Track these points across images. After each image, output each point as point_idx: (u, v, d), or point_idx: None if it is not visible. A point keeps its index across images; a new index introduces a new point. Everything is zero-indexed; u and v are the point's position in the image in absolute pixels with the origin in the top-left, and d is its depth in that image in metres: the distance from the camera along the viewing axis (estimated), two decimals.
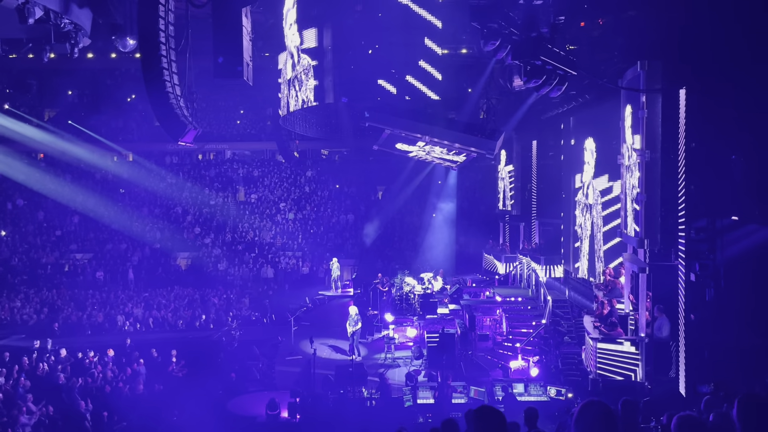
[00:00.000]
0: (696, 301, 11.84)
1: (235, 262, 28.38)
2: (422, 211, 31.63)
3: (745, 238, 11.58)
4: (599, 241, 17.38)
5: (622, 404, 6.41)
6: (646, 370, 12.40)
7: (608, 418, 3.21)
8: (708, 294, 11.85)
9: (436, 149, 20.56)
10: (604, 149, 17.04)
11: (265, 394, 15.08)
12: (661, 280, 12.42)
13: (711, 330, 11.60)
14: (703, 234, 11.89)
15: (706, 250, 11.82)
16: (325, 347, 18.97)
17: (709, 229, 11.89)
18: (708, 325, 11.73)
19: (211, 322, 22.36)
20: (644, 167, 11.84)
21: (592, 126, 18.08)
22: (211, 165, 36.50)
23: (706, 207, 11.80)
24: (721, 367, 11.08)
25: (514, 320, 18.93)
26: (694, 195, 11.73)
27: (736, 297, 11.59)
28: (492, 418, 3.67)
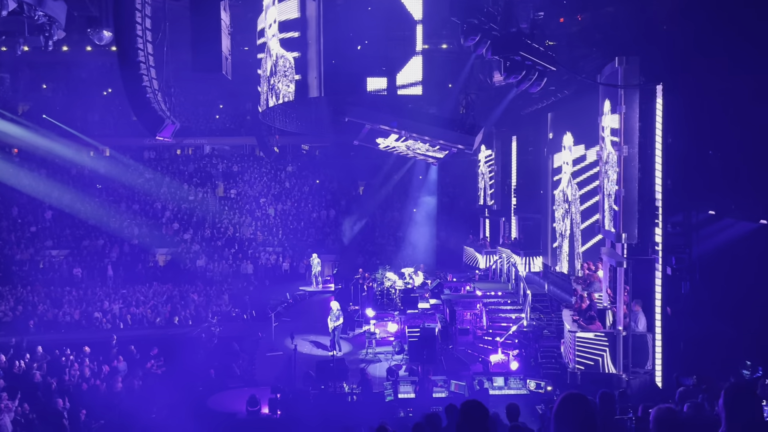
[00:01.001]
0: (672, 294, 12.03)
1: (215, 258, 28.18)
2: (403, 206, 31.68)
3: (721, 232, 11.79)
4: (578, 239, 17.54)
5: (600, 396, 6.50)
6: (623, 362, 12.56)
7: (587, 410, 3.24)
8: (684, 287, 12.05)
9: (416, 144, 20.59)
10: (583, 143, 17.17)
11: (245, 390, 15.01)
12: (638, 273, 12.58)
13: (686, 322, 11.80)
14: (680, 228, 12.09)
15: (682, 244, 12.01)
16: (306, 343, 18.92)
17: (686, 224, 12.08)
18: (684, 317, 11.93)
19: (190, 318, 22.20)
20: (622, 162, 11.97)
21: (571, 121, 18.23)
22: (190, 160, 36.15)
23: (682, 202, 11.98)
24: (696, 359, 11.27)
25: (494, 314, 19.06)
26: (671, 190, 11.90)
27: (712, 290, 11.80)
28: (476, 411, 3.74)
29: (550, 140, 20.66)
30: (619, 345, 12.60)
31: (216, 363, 17.00)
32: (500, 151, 25.61)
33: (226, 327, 20.67)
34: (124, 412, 13.73)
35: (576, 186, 17.55)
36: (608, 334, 12.86)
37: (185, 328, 21.33)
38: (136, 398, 14.64)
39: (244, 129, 35.34)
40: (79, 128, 31.56)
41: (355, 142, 22.09)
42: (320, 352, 18.28)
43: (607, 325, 13.27)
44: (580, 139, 17.30)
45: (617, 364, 12.67)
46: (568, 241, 18.71)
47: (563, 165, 18.82)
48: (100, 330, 21.03)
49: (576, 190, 17.54)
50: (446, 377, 14.31)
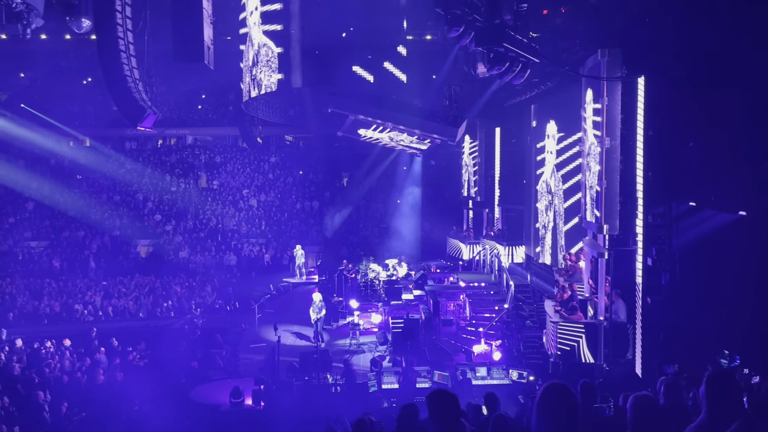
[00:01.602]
0: (652, 284, 12.16)
1: (197, 250, 28.01)
2: (387, 197, 31.67)
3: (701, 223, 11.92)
4: (561, 231, 17.66)
5: (580, 386, 6.56)
6: (604, 352, 12.71)
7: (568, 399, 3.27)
8: (664, 278, 12.19)
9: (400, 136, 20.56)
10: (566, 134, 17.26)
11: (228, 382, 14.98)
12: (619, 264, 12.72)
13: (666, 313, 11.94)
14: (661, 220, 12.20)
15: (662, 235, 12.13)
16: (290, 334, 18.90)
17: (667, 215, 12.20)
18: (663, 307, 12.07)
19: (173, 310, 22.07)
20: (604, 154, 12.06)
21: (555, 110, 18.28)
22: (172, 151, 35.81)
23: (663, 193, 12.10)
24: (675, 349, 11.43)
25: (477, 305, 19.16)
26: (652, 181, 12.00)
27: (691, 280, 11.95)
28: (445, 400, 3.78)
29: (533, 129, 20.73)
30: (601, 335, 12.74)
31: (199, 355, 16.94)
32: (484, 143, 25.67)
33: (209, 318, 20.58)
34: (106, 405, 13.64)
35: (560, 177, 17.65)
36: (588, 324, 13.00)
37: (168, 319, 21.20)
38: (119, 390, 14.55)
39: (227, 119, 35.07)
40: (59, 118, 31.07)
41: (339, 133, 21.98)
42: (304, 343, 18.27)
43: (589, 315, 13.40)
44: (564, 129, 17.38)
45: (598, 354, 12.81)
46: (551, 233, 18.84)
47: (547, 155, 18.90)
48: (81, 322, 20.82)
49: (559, 181, 17.64)
50: (430, 368, 14.39)
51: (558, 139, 17.89)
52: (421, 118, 19.65)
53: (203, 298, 23.11)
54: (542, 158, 19.51)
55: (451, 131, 19.23)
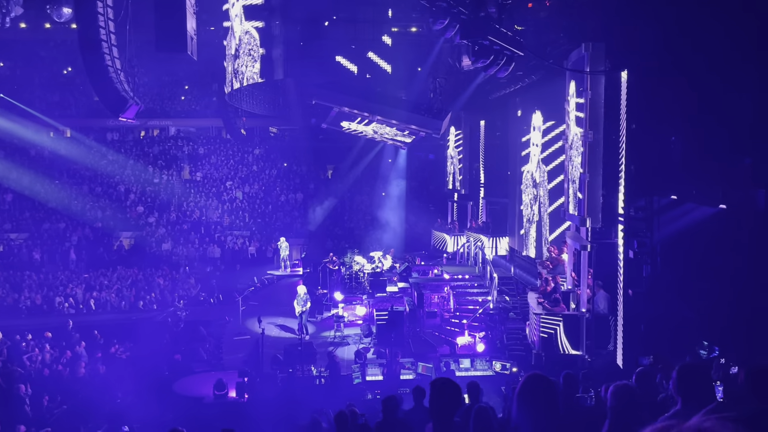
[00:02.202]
0: (634, 277, 12.31)
1: (181, 242, 27.84)
2: (372, 190, 31.66)
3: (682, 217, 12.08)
4: (546, 224, 17.79)
5: (563, 377, 6.65)
6: (586, 343, 12.85)
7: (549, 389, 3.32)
8: (645, 270, 12.35)
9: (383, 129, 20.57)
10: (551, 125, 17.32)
11: (212, 374, 14.95)
12: (601, 257, 12.85)
13: (647, 304, 12.10)
14: (642, 213, 12.34)
15: (644, 228, 12.28)
16: (274, 327, 18.89)
17: (648, 208, 12.34)
18: (645, 300, 12.23)
19: (156, 302, 21.95)
20: (587, 147, 12.15)
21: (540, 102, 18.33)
22: (155, 142, 35.50)
23: (645, 186, 12.23)
24: (656, 340, 11.60)
25: (461, 297, 19.27)
26: (634, 175, 12.13)
27: (672, 273, 12.12)
28: (448, 389, 3.81)
29: (518, 119, 20.78)
30: (583, 327, 12.88)
31: (182, 347, 16.87)
32: (468, 135, 25.75)
33: (193, 311, 20.49)
34: (88, 398, 13.55)
35: (545, 170, 17.75)
36: (570, 316, 13.13)
37: (150, 312, 21.09)
38: (101, 383, 14.46)
39: (211, 111, 34.82)
40: (39, 108, 30.63)
41: (323, 125, 21.95)
42: (288, 335, 18.27)
43: (571, 307, 13.54)
44: (550, 119, 17.43)
45: (581, 346, 12.96)
46: (535, 227, 18.97)
47: (532, 147, 18.98)
48: (62, 315, 20.62)
49: (544, 173, 17.74)
50: (414, 359, 14.46)
51: (544, 131, 17.96)
52: (406, 110, 19.66)
53: (187, 290, 22.99)
54: (527, 153, 19.60)
55: (436, 124, 19.27)
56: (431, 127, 19.45)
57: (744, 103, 10.22)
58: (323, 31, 17.48)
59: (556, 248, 15.49)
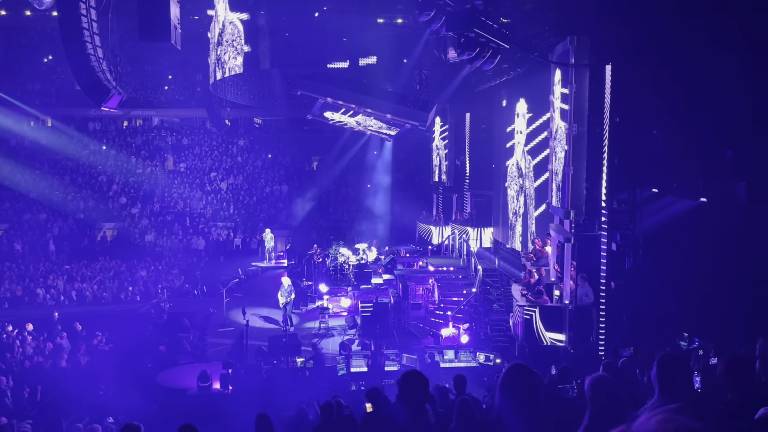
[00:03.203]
0: (616, 269, 12.45)
1: (164, 233, 27.66)
2: (358, 182, 31.62)
3: (663, 210, 12.23)
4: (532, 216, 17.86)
5: (559, 371, 6.74)
6: (569, 335, 12.98)
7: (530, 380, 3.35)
8: (627, 263, 12.49)
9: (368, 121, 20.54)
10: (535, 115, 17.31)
11: (196, 366, 14.92)
12: (585, 249, 12.95)
13: (629, 296, 12.25)
14: (625, 205, 12.47)
15: (626, 221, 12.41)
16: (258, 318, 18.88)
17: (630, 201, 12.47)
18: (627, 292, 12.38)
19: (139, 294, 21.83)
20: (571, 140, 12.22)
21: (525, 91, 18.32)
22: (138, 132, 35.16)
23: (628, 179, 12.35)
24: (638, 331, 11.75)
25: (445, 289, 19.36)
26: (617, 168, 12.23)
27: (654, 265, 12.28)
28: (416, 380, 3.87)
29: (503, 110, 20.80)
30: (566, 318, 13.00)
31: (166, 339, 16.81)
32: (454, 128, 25.77)
33: (177, 303, 20.40)
34: (70, 390, 13.46)
35: (530, 160, 17.78)
36: (553, 308, 13.25)
37: (133, 304, 20.98)
38: (83, 375, 14.37)
39: (194, 101, 34.54)
40: (19, 97, 30.18)
41: (309, 116, 21.86)
42: (272, 327, 18.26)
43: (555, 298, 13.66)
44: (534, 110, 17.41)
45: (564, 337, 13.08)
46: (521, 219, 19.05)
47: (517, 135, 18.98)
48: (44, 306, 20.45)
49: (530, 163, 17.77)
50: (398, 351, 14.52)
51: (528, 120, 17.94)
52: (392, 102, 19.64)
53: (170, 282, 22.88)
54: (512, 144, 19.66)
55: (422, 116, 19.27)
56: (417, 118, 19.45)
57: (726, 97, 10.34)
58: (311, 22, 17.38)
59: (540, 240, 15.60)
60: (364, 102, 19.25)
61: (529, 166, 17.84)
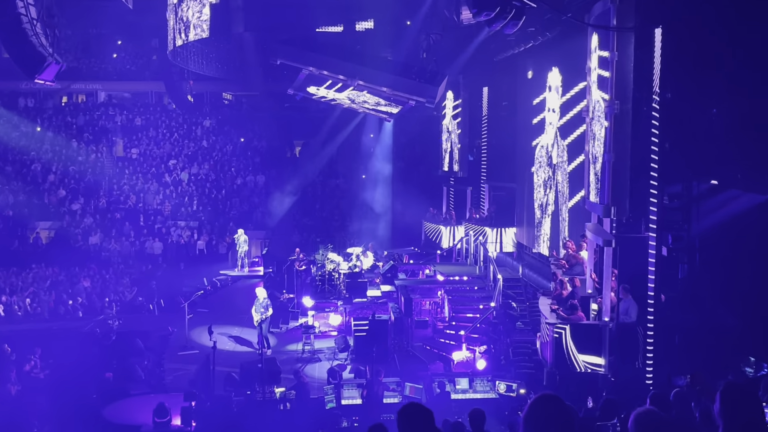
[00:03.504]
0: (667, 278, 12.46)
1: (113, 235, 27.66)
2: (350, 171, 31.64)
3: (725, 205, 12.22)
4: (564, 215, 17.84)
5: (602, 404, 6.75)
6: (609, 359, 13.00)
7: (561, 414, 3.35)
8: (681, 270, 12.50)
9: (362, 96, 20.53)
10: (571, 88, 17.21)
11: (151, 397, 14.94)
12: (629, 254, 12.97)
13: (683, 312, 12.25)
14: (678, 201, 12.47)
15: (680, 219, 12.41)
16: (228, 339, 18.91)
17: (685, 196, 12.48)
18: (680, 306, 12.39)
19: (81, 309, 21.85)
20: (612, 121, 12.21)
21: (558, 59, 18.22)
22: (80, 110, 35.14)
23: (681, 169, 12.35)
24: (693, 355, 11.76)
25: (458, 303, 19.38)
26: (668, 155, 12.22)
27: (713, 274, 12.27)
28: (418, 416, 3.86)
29: (529, 82, 20.73)
30: (605, 339, 13.02)
31: (114, 364, 16.82)
32: (468, 105, 25.78)
33: (128, 320, 20.42)
34: None
35: (563, 145, 17.74)
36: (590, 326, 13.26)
37: (75, 321, 20.99)
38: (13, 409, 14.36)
39: (150, 72, 34.53)
40: None
41: (290, 90, 21.87)
42: (246, 350, 18.28)
43: (591, 315, 13.67)
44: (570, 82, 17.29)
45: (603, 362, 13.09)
46: (550, 219, 19.05)
47: (547, 114, 18.89)
48: None
49: (563, 151, 17.74)
50: (400, 379, 14.52)
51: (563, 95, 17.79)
52: (393, 73, 19.64)
53: (120, 294, 22.89)
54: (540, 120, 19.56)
55: (429, 90, 19.28)
56: (423, 94, 19.44)
57: None
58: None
59: (574, 244, 15.60)
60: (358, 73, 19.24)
61: (562, 154, 17.80)
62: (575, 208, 17.02)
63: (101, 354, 17.66)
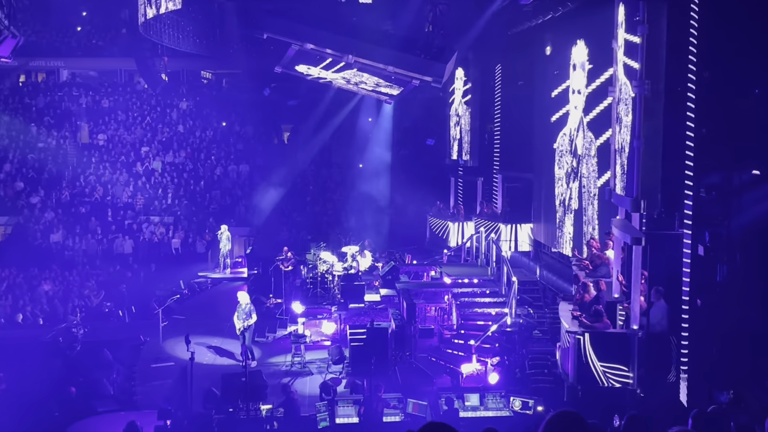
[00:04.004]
0: (704, 281, 12.44)
1: (77, 232, 27.67)
2: (345, 160, 31.62)
3: None
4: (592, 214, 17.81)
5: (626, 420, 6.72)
6: (638, 373, 13.01)
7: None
8: (720, 272, 12.48)
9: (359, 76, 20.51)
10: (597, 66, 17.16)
11: (121, 415, 14.93)
12: (661, 254, 12.96)
13: (723, 319, 12.24)
14: (716, 193, 12.44)
15: (719, 214, 12.39)
16: (208, 350, 18.92)
17: (725, 187, 12.45)
18: (719, 312, 12.37)
19: (41, 315, 21.85)
20: (642, 103, 12.20)
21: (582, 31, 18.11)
22: (40, 91, 35.11)
23: (720, 157, 12.32)
24: (734, 368, 11.75)
25: (467, 309, 19.39)
26: (705, 141, 12.21)
27: (756, 275, 12.25)
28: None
29: (547, 58, 20.66)
30: (634, 350, 13.03)
31: (79, 378, 16.83)
32: (479, 86, 25.76)
33: (95, 328, 20.40)
34: None
35: (591, 136, 17.71)
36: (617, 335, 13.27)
37: (34, 329, 20.96)
38: None
39: (119, 48, 34.47)
40: None
41: (278, 69, 21.85)
42: (227, 362, 18.29)
43: (618, 323, 13.68)
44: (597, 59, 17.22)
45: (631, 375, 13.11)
46: (572, 215, 19.03)
47: (572, 96, 18.84)
48: None
49: (591, 139, 17.71)
50: (402, 395, 14.54)
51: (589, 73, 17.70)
52: (394, 49, 19.61)
53: (85, 299, 22.90)
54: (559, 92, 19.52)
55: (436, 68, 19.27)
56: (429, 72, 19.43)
57: None
58: None
59: (599, 242, 15.61)
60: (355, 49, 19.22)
61: (589, 144, 17.77)
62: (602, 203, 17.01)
63: (64, 366, 17.66)
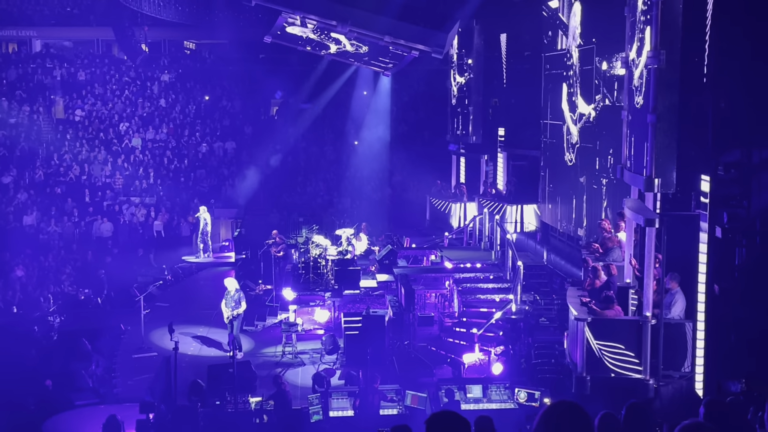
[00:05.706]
0: (722, 265, 12.48)
1: (52, 214, 27.67)
2: (339, 137, 31.57)
3: None
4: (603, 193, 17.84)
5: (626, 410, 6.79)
6: (651, 362, 13.08)
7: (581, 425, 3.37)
8: (739, 256, 12.52)
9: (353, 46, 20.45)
10: None
11: (101, 409, 15.02)
12: (675, 236, 12.98)
13: (741, 305, 12.29)
14: (735, 171, 12.46)
15: (738, 194, 12.40)
16: (193, 340, 19.00)
17: (744, 165, 12.46)
18: (737, 299, 12.42)
19: (15, 303, 21.89)
20: (656, 75, 12.20)
21: None
22: (11, 63, 34.99)
23: (740, 133, 12.33)
24: (752, 357, 11.83)
25: (469, 296, 19.45)
26: (724, 115, 12.21)
27: None
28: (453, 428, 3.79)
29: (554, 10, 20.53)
30: (647, 338, 13.10)
31: (56, 369, 16.89)
32: (483, 57, 25.67)
33: (72, 316, 20.47)
34: None
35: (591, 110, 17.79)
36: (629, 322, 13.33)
37: (7, 317, 21.02)
38: None
39: (95, 16, 34.34)
40: None
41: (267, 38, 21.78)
42: (214, 352, 18.37)
43: (630, 309, 13.73)
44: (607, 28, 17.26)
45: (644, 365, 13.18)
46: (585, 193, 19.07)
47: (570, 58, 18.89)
48: None
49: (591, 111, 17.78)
50: (400, 386, 14.62)
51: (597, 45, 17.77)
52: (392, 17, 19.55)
53: (62, 285, 22.94)
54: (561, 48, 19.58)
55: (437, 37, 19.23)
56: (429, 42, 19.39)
57: None
58: None
59: (610, 223, 15.61)
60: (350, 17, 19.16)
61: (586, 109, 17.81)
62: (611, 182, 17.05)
63: (40, 357, 17.74)
